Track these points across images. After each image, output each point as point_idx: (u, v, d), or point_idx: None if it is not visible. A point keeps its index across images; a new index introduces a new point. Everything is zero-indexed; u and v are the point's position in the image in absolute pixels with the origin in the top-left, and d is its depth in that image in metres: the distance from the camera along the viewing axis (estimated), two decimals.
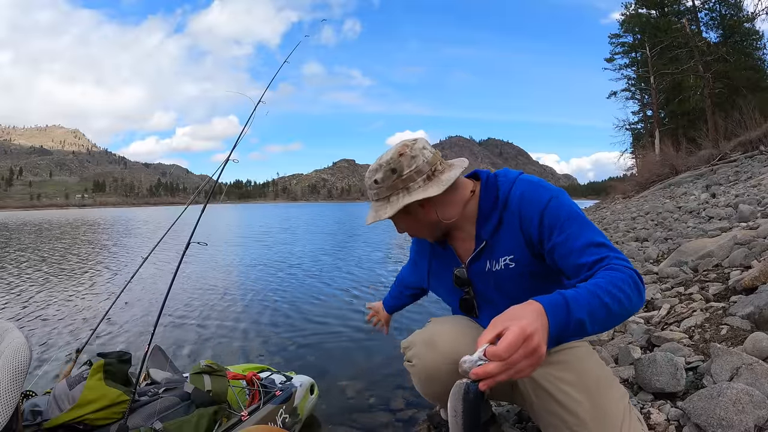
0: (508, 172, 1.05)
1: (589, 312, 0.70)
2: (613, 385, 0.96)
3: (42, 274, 6.57)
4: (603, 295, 0.72)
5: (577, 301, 0.70)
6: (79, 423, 1.25)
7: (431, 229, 1.06)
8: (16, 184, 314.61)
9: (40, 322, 3.81)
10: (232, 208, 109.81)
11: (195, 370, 1.52)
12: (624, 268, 0.78)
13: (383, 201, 1.01)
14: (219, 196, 1.98)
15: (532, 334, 0.61)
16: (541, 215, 0.91)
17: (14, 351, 0.87)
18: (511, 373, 0.61)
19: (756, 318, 1.47)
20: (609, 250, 0.83)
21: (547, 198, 0.92)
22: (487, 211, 1.01)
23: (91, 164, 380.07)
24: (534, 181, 0.98)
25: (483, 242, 1.01)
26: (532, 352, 0.61)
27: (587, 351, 1.04)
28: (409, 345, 1.09)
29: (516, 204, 0.96)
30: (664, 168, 14.58)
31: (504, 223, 0.98)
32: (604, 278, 0.75)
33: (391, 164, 0.98)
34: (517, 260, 0.98)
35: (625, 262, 0.80)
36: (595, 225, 0.90)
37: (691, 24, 19.66)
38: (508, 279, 0.99)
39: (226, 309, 4.23)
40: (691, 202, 6.51)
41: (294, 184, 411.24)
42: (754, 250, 2.32)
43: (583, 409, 0.90)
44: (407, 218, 1.03)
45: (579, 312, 0.69)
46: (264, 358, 2.87)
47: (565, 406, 0.92)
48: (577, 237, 0.86)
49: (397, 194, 0.99)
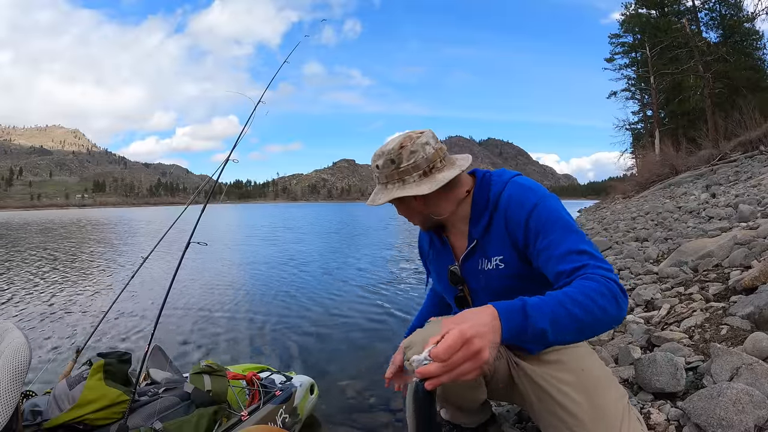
0: (504, 173, 1.05)
1: (553, 320, 0.69)
2: (612, 385, 0.96)
3: (42, 274, 6.57)
4: (571, 306, 0.71)
5: (540, 309, 0.70)
6: (79, 423, 1.25)
7: (422, 220, 1.10)
8: (16, 184, 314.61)
9: (40, 322, 3.81)
10: (231, 208, 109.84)
11: (195, 370, 1.52)
12: (601, 278, 0.76)
13: (382, 186, 1.05)
14: (219, 196, 1.98)
15: (471, 337, 0.61)
16: (526, 219, 0.91)
17: (14, 351, 0.87)
18: (453, 375, 0.61)
19: (756, 318, 1.47)
20: (590, 258, 0.81)
21: (534, 202, 0.92)
22: (478, 210, 1.02)
23: (91, 164, 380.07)
24: (524, 185, 0.98)
25: (474, 241, 1.03)
26: (472, 355, 0.61)
27: (587, 351, 1.05)
28: (409, 345, 1.10)
29: (504, 206, 0.97)
30: (664, 168, 14.58)
31: (493, 224, 0.99)
32: (578, 287, 0.74)
33: (391, 155, 1.00)
34: (507, 262, 0.98)
35: (605, 271, 0.78)
36: (582, 231, 0.89)
37: (691, 24, 19.65)
38: (498, 279, 1.00)
39: (226, 309, 4.24)
40: (691, 202, 6.51)
41: (294, 184, 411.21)
42: (754, 250, 2.32)
43: (581, 409, 0.90)
44: (401, 205, 1.08)
45: (539, 320, 0.69)
46: (264, 358, 2.87)
47: (564, 406, 0.92)
48: (559, 244, 0.86)
49: (393, 183, 1.02)
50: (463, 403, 1.18)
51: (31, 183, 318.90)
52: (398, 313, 3.91)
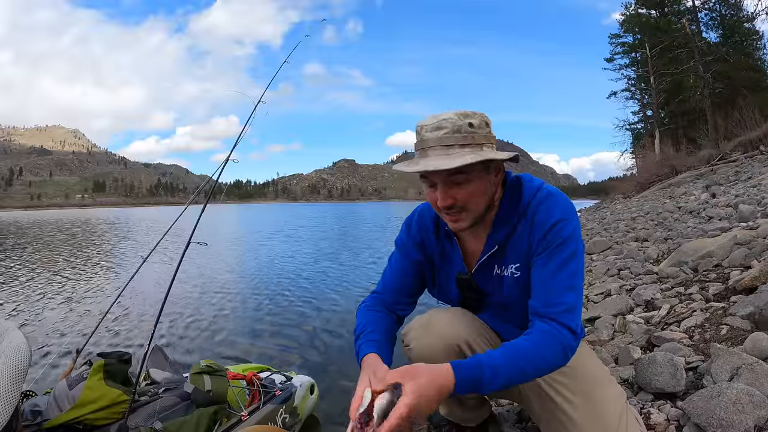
0: (532, 178, 0.99)
1: (504, 384, 0.78)
2: (610, 385, 0.97)
3: (42, 273, 6.57)
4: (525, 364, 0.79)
5: (496, 375, 0.77)
6: (79, 423, 1.25)
7: (485, 204, 0.92)
8: (16, 184, 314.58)
9: (40, 322, 3.81)
10: (232, 207, 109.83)
11: (195, 370, 1.52)
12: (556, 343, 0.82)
13: (445, 149, 0.84)
14: (219, 196, 1.98)
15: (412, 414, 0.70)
16: (548, 231, 0.89)
17: (14, 351, 0.87)
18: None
19: (756, 318, 1.47)
20: (561, 312, 0.84)
21: (558, 218, 0.89)
22: (506, 215, 0.96)
23: (91, 164, 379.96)
24: (554, 195, 0.94)
25: (495, 246, 0.97)
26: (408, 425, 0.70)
27: (586, 351, 1.04)
28: (407, 331, 1.11)
29: (532, 213, 0.92)
30: (664, 168, 14.59)
31: (518, 230, 0.95)
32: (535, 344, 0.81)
33: (469, 118, 0.85)
34: (522, 270, 0.95)
35: (565, 330, 0.83)
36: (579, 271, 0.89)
37: (691, 24, 19.66)
38: (512, 286, 0.97)
39: (226, 309, 4.24)
40: (691, 202, 6.52)
41: (294, 184, 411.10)
42: (754, 250, 2.32)
43: (578, 410, 0.91)
44: (479, 179, 0.88)
45: (492, 385, 0.77)
46: (264, 358, 2.87)
47: (561, 407, 0.93)
48: (551, 277, 0.87)
49: (480, 147, 0.85)
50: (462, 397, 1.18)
51: (31, 183, 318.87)
52: None
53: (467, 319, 1.07)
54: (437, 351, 1.02)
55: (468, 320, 1.07)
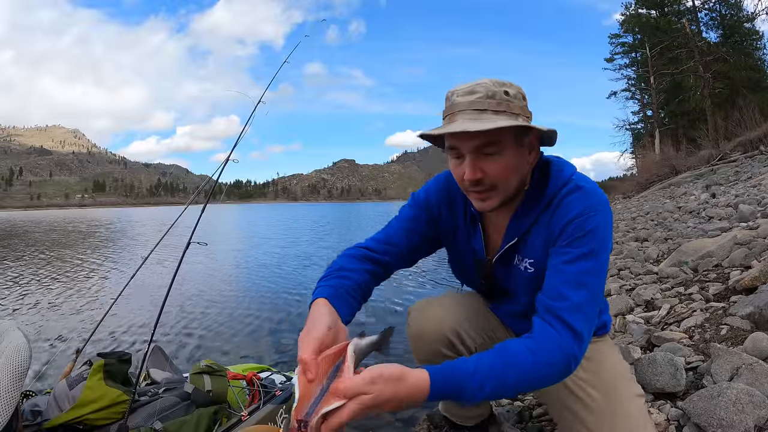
0: (562, 166, 0.89)
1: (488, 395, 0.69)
2: (630, 384, 0.95)
3: (42, 273, 6.57)
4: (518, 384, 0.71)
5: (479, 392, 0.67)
6: (79, 423, 1.25)
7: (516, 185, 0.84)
8: (16, 184, 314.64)
9: (40, 322, 3.81)
10: (232, 207, 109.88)
11: (195, 370, 1.52)
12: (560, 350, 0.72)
13: (476, 114, 0.77)
14: (219, 196, 1.98)
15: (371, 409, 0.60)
16: (566, 223, 0.81)
17: (14, 351, 0.87)
18: None
19: (756, 318, 1.47)
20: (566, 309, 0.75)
21: (580, 210, 0.80)
22: (530, 205, 0.88)
23: (91, 164, 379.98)
24: (583, 188, 0.83)
25: (514, 239, 0.90)
26: None
27: (609, 346, 1.02)
28: (411, 310, 1.13)
29: (556, 203, 0.84)
30: (664, 168, 14.59)
31: (539, 222, 0.87)
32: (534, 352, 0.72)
33: (505, 87, 0.79)
34: (537, 266, 0.89)
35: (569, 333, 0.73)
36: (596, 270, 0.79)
37: (691, 24, 19.66)
38: (524, 279, 0.93)
39: (227, 309, 4.24)
40: (691, 202, 6.52)
41: (294, 184, 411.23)
42: (754, 250, 2.32)
43: (597, 405, 0.89)
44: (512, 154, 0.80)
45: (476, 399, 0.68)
46: (264, 358, 2.87)
47: (581, 401, 0.90)
48: (561, 269, 0.79)
49: (515, 117, 0.78)
50: None
51: (31, 183, 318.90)
52: (400, 309, 3.91)
53: (464, 310, 1.06)
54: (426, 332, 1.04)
55: (465, 310, 1.06)
